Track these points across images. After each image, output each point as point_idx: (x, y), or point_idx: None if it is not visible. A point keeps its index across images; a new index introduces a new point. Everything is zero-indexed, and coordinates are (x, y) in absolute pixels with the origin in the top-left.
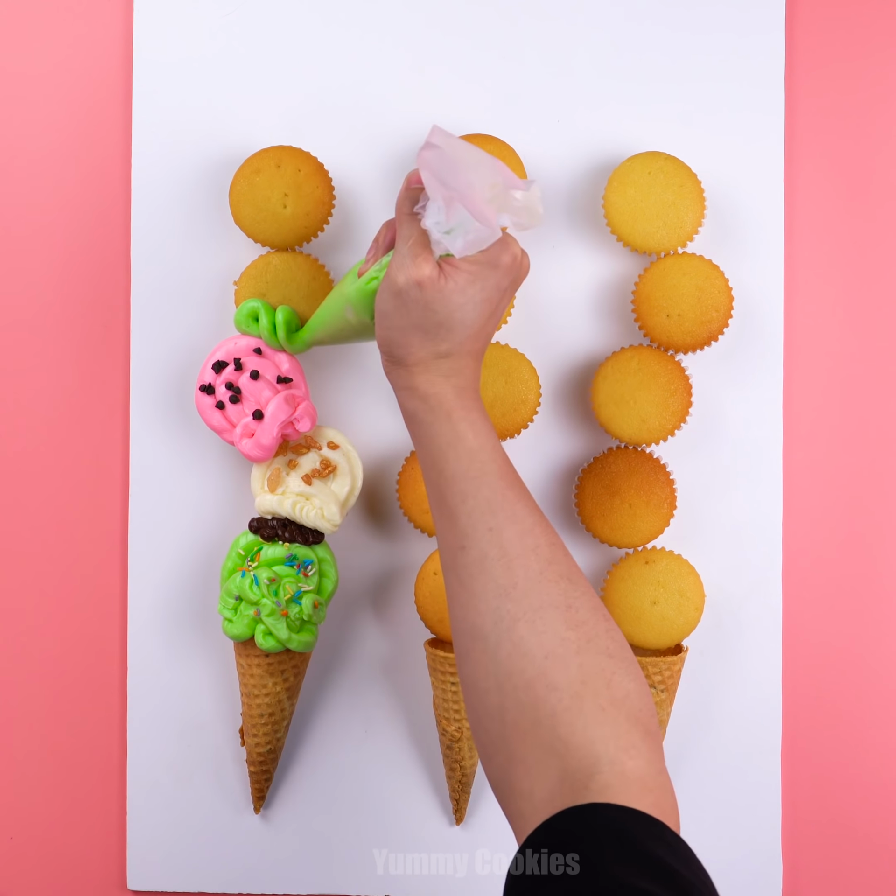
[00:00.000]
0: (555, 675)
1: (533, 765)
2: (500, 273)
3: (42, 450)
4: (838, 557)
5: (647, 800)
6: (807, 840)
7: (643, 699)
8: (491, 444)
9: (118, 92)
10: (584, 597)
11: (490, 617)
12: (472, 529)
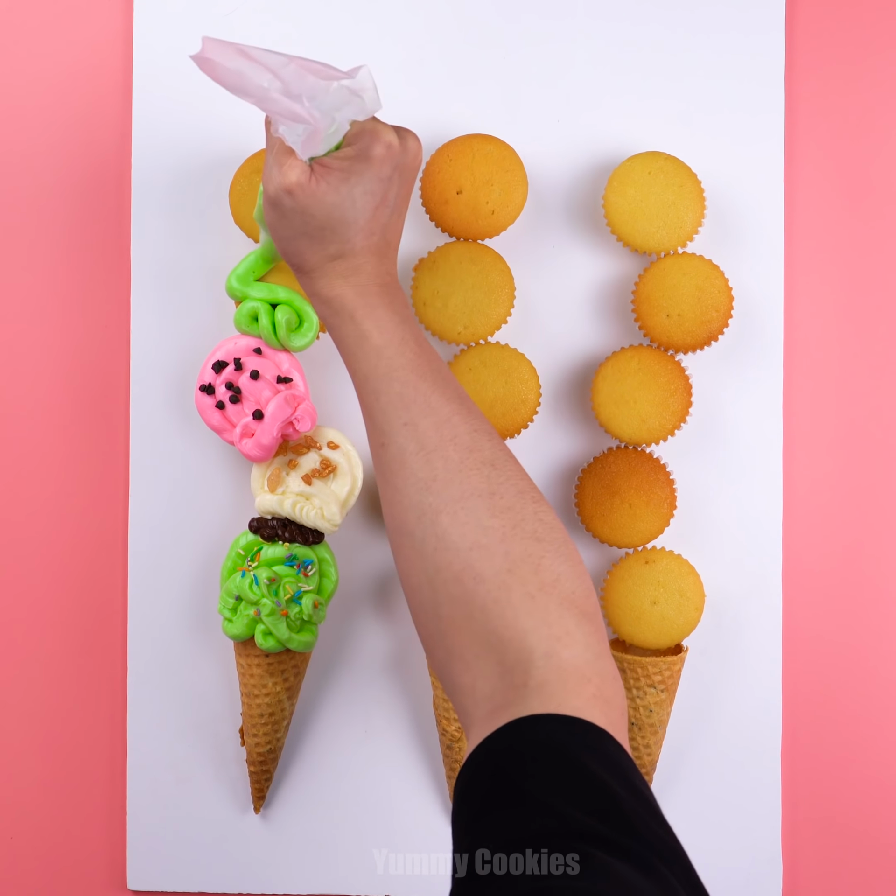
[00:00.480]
0: (481, 567)
1: (471, 660)
2: (375, 164)
3: (42, 450)
4: (838, 557)
5: (587, 691)
6: (807, 840)
7: (575, 580)
8: (399, 338)
9: (118, 91)
10: (510, 481)
11: (413, 512)
12: (388, 426)
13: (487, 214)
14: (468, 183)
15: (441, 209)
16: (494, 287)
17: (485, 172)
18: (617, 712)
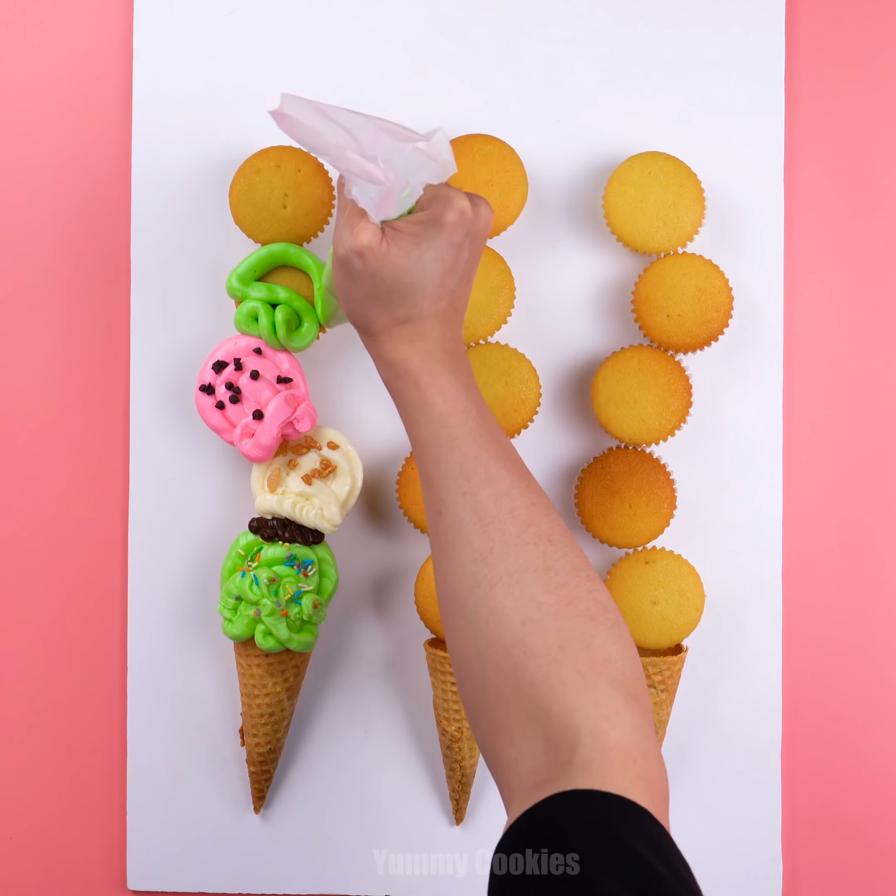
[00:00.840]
0: (532, 642)
1: (517, 734)
2: (447, 230)
3: (42, 450)
4: (838, 557)
5: (631, 772)
6: (807, 840)
7: (626, 661)
8: (462, 407)
9: (118, 92)
10: (566, 558)
11: (467, 583)
12: (447, 494)
13: None
14: (468, 183)
15: None
16: (494, 287)
17: (485, 172)
18: (660, 795)
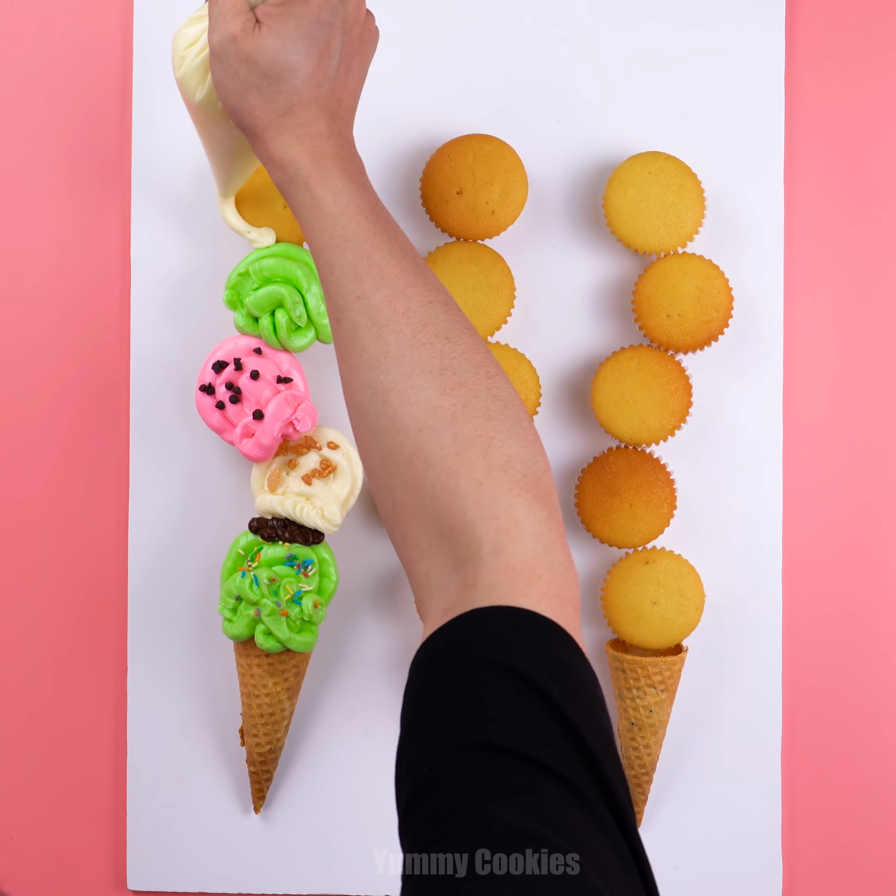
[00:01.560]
0: (430, 450)
1: (425, 548)
2: (313, 7)
3: (42, 450)
4: (838, 557)
5: (538, 589)
6: (807, 840)
7: (528, 461)
8: (354, 206)
9: (118, 92)
10: (465, 355)
11: (366, 391)
12: (342, 300)
13: (487, 214)
14: (468, 183)
15: (441, 209)
16: (494, 287)
17: (485, 172)
18: (569, 607)
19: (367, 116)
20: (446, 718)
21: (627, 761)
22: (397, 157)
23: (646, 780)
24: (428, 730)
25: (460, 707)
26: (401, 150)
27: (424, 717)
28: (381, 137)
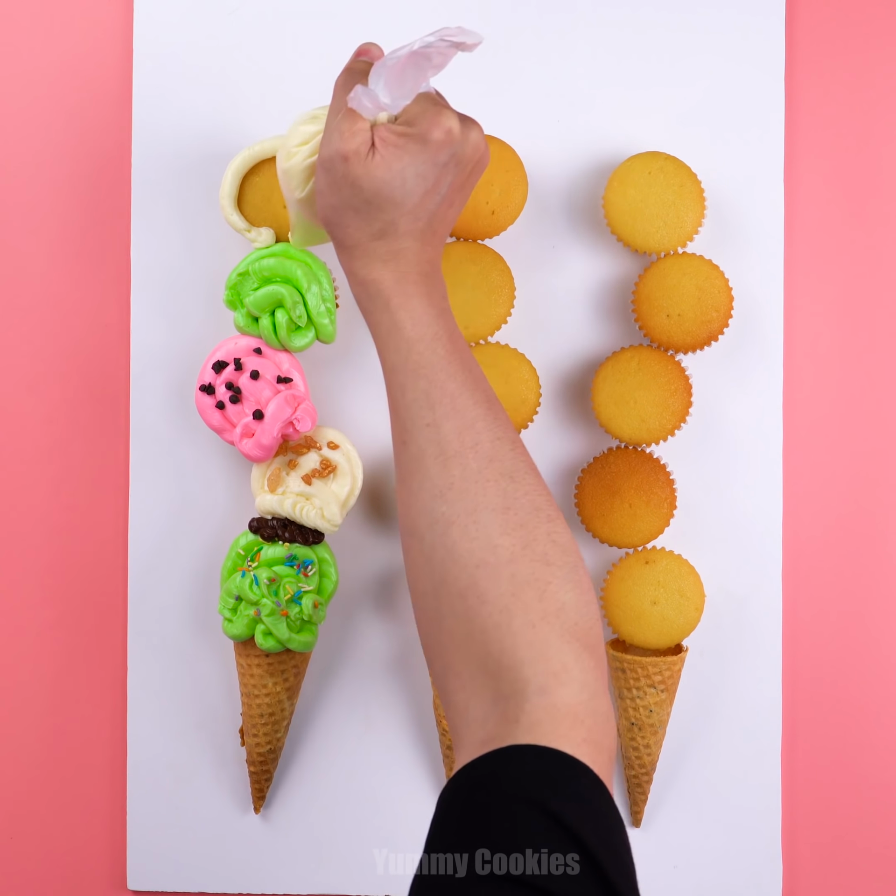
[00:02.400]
0: (485, 586)
1: (467, 679)
2: (432, 148)
3: (42, 450)
4: (838, 557)
5: (578, 735)
6: (807, 840)
7: (581, 610)
8: (432, 333)
9: (118, 92)
10: (527, 497)
11: (426, 518)
12: (411, 424)
13: (487, 214)
14: None
15: None
16: (494, 287)
17: (485, 172)
18: (605, 755)
19: None
20: (478, 840)
21: (627, 761)
22: None
23: (646, 780)
24: (455, 848)
25: (492, 834)
26: None
27: (454, 835)
28: None
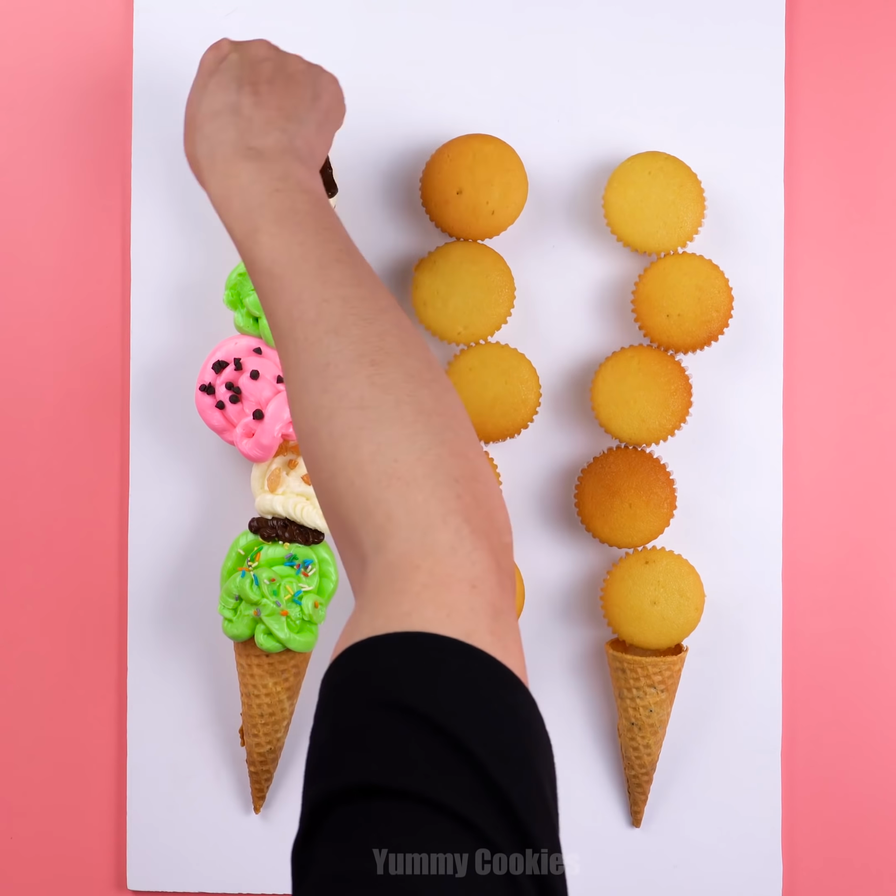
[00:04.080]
0: (315, 454)
1: (342, 550)
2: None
3: (41, 450)
4: (838, 557)
5: (417, 581)
6: (807, 840)
7: (401, 443)
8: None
9: (118, 92)
10: (351, 346)
11: (290, 404)
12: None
13: (487, 214)
14: (468, 183)
15: (441, 209)
16: (494, 287)
17: (485, 172)
18: (459, 588)
19: (367, 116)
20: (337, 761)
21: (627, 761)
22: (397, 157)
23: (646, 780)
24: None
25: (348, 749)
26: (401, 150)
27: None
28: (381, 137)
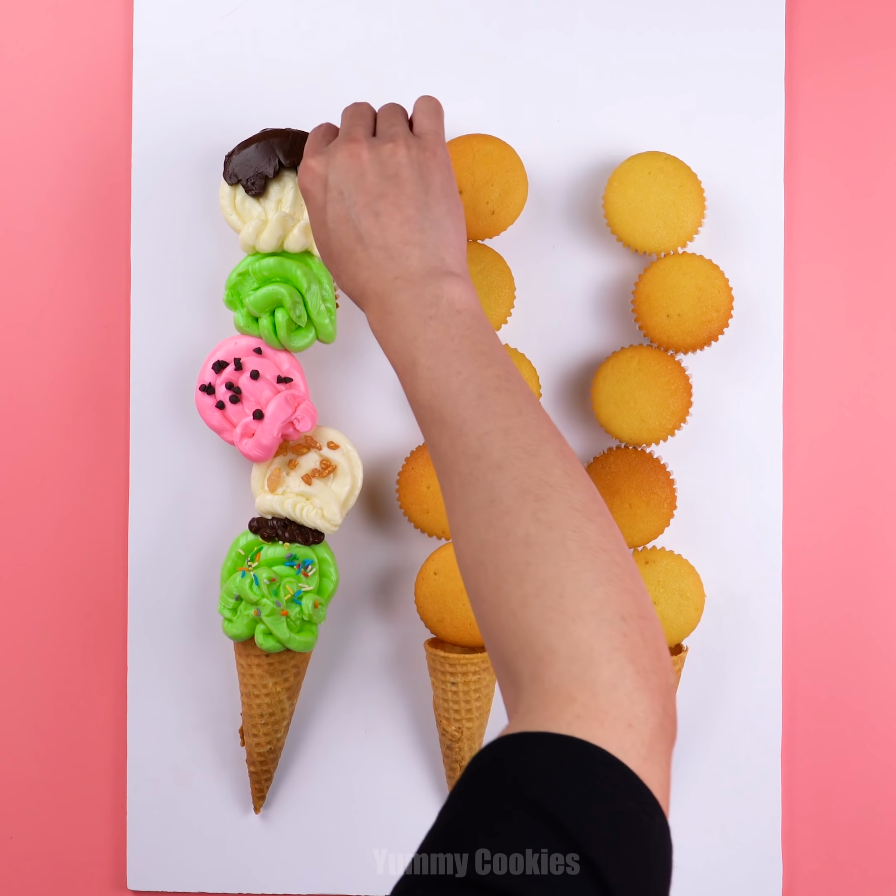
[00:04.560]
0: (480, 587)
1: (500, 679)
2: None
3: (42, 450)
4: (838, 557)
5: (571, 711)
6: (807, 840)
7: (565, 582)
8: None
9: (118, 94)
10: (515, 481)
11: (451, 533)
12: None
13: (487, 214)
14: (468, 183)
15: None
16: (494, 287)
17: (485, 172)
18: (614, 726)
19: None
20: (464, 844)
21: None
22: None
23: None
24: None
25: (479, 837)
26: None
27: (449, 830)
28: None
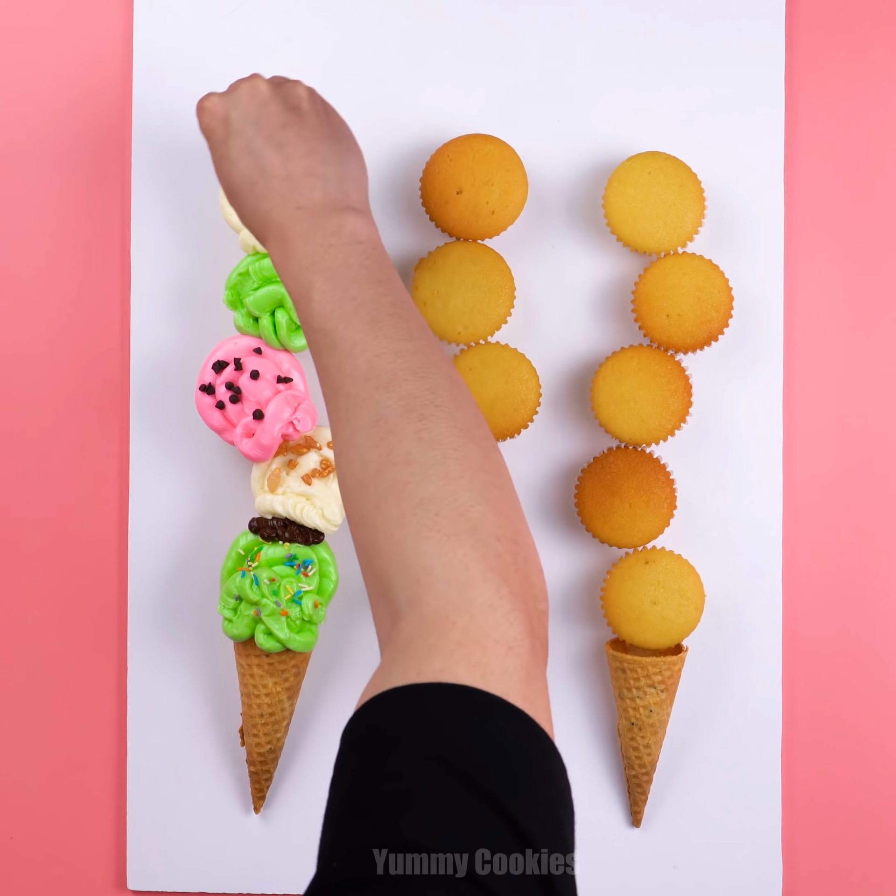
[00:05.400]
0: (360, 508)
1: (374, 604)
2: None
3: (42, 450)
4: (838, 557)
5: (451, 639)
6: (807, 840)
7: (445, 499)
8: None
9: (118, 92)
10: (402, 401)
11: (336, 456)
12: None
13: (487, 214)
14: (468, 183)
15: (441, 209)
16: (494, 287)
17: (485, 172)
18: (495, 650)
19: (367, 116)
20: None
21: (627, 761)
22: (397, 157)
23: (646, 780)
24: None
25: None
26: (401, 150)
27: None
28: (381, 137)
